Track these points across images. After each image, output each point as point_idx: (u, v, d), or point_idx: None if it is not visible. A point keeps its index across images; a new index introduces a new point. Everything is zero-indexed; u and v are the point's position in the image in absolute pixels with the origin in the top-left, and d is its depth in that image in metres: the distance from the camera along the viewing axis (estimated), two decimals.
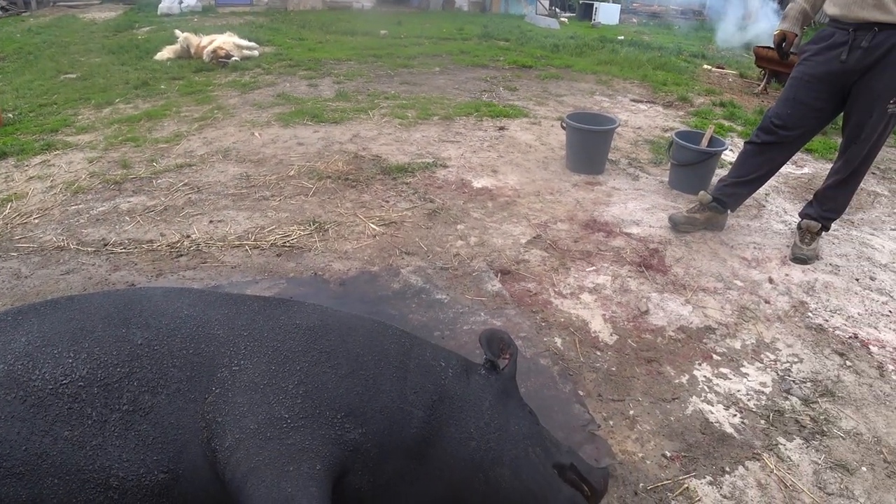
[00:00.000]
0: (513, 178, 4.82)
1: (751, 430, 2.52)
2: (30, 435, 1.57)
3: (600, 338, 2.98)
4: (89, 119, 6.55)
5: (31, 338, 1.73)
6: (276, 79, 8.11)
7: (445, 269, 3.44)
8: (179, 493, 1.59)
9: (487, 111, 6.59)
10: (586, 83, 8.48)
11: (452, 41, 11.82)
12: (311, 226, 3.88)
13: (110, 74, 8.86)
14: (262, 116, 6.27)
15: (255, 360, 1.67)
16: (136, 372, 1.66)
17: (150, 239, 3.77)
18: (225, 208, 4.15)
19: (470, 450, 1.71)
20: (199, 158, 5.10)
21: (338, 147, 5.35)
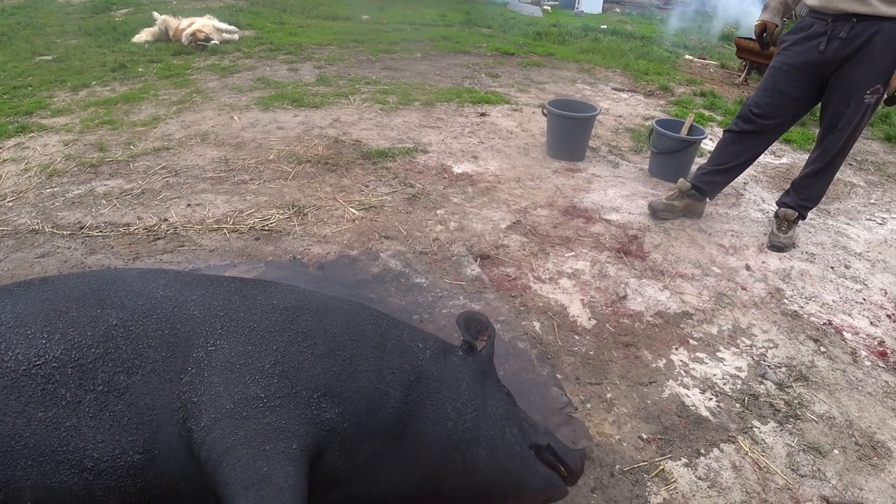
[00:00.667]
0: (493, 163, 4.82)
1: (726, 414, 2.55)
2: (2, 416, 1.55)
3: (578, 322, 3.00)
4: (65, 102, 6.45)
5: (3, 318, 1.71)
6: (257, 63, 8.03)
7: (425, 253, 3.44)
8: (155, 474, 1.57)
9: (469, 97, 6.57)
10: (568, 71, 8.47)
11: (435, 27, 11.76)
12: (291, 210, 3.85)
13: (87, 57, 8.72)
14: (242, 100, 6.21)
15: (232, 341, 1.66)
16: (110, 353, 1.64)
17: (127, 222, 3.73)
18: (203, 192, 4.11)
19: (447, 430, 1.71)
20: (178, 142, 5.04)
21: (318, 132, 5.31)
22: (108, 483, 1.54)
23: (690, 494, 2.17)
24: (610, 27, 12.98)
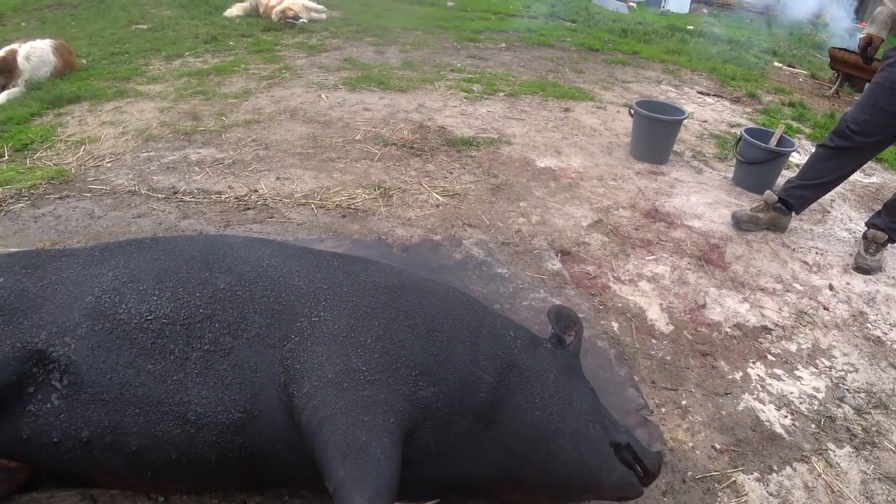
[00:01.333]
0: (576, 160, 4.82)
1: (801, 433, 2.53)
2: (115, 365, 1.66)
3: (656, 326, 3.00)
4: (160, 70, 6.69)
5: (117, 273, 1.82)
6: (343, 43, 8.16)
7: (507, 244, 3.48)
8: (254, 433, 1.66)
9: (553, 91, 6.56)
10: (653, 71, 8.36)
11: (519, 18, 11.72)
12: (376, 190, 3.94)
13: (180, 27, 8.99)
14: (329, 79, 6.34)
15: (335, 313, 1.73)
16: (217, 314, 1.74)
17: (219, 190, 3.87)
18: (292, 166, 4.23)
19: (534, 419, 1.75)
20: (267, 116, 5.19)
21: (403, 115, 5.40)
22: (209, 437, 1.64)
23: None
24: (697, 28, 12.71)
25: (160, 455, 1.66)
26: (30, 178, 3.96)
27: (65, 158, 4.31)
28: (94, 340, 1.69)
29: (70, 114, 5.28)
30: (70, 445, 1.66)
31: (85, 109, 5.37)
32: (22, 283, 1.79)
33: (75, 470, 1.74)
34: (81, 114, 5.26)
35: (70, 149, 4.49)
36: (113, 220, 3.49)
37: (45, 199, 3.71)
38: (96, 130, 4.85)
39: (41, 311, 1.73)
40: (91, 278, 1.82)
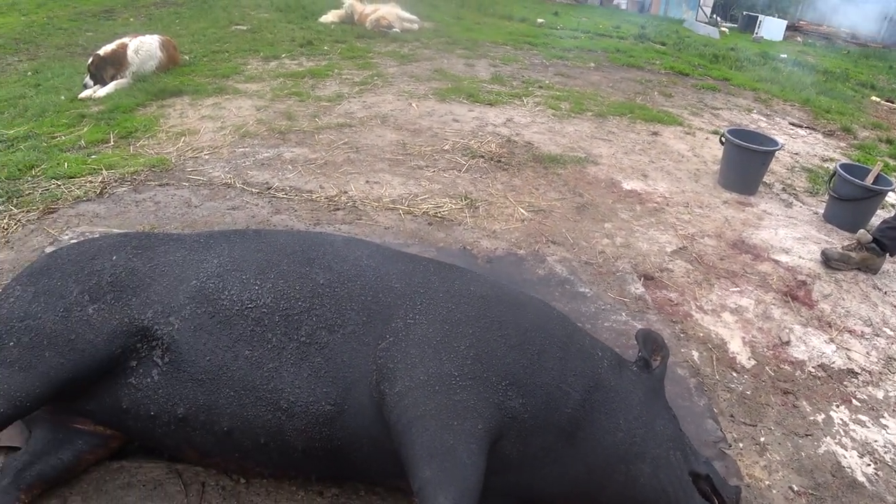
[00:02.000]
0: (663, 185, 4.78)
1: (884, 483, 2.45)
2: (214, 348, 1.76)
3: (738, 359, 2.96)
4: (257, 70, 6.94)
5: (221, 261, 1.93)
6: (434, 54, 8.30)
7: (590, 263, 3.49)
8: (342, 427, 1.73)
9: (641, 114, 6.52)
10: (744, 99, 8.20)
11: (608, 38, 11.68)
12: (463, 201, 4.01)
13: (277, 30, 9.30)
14: (420, 89, 6.46)
15: (430, 317, 1.79)
16: (315, 308, 1.82)
17: (310, 189, 4.00)
18: (381, 171, 4.34)
19: (616, 440, 1.77)
20: (359, 121, 5.33)
21: (491, 129, 5.46)
22: (298, 426, 1.71)
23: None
24: (790, 57, 12.39)
25: (249, 438, 1.74)
26: (133, 164, 4.18)
27: (165, 148, 4.54)
28: (197, 322, 1.79)
29: (172, 106, 5.54)
30: (165, 420, 1.77)
31: (186, 103, 5.63)
32: (133, 263, 1.91)
33: (167, 443, 1.84)
34: (182, 107, 5.52)
35: (170, 139, 4.72)
36: (208, 210, 3.66)
37: (146, 185, 3.92)
38: (196, 123, 5.08)
39: (149, 291, 1.84)
40: (196, 263, 1.93)
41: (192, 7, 11.63)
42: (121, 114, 5.32)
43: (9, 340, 1.72)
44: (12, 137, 4.77)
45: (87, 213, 3.54)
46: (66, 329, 1.74)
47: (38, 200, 3.63)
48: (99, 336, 1.75)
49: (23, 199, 3.66)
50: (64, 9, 11.80)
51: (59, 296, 1.81)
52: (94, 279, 1.85)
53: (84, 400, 1.82)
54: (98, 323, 1.77)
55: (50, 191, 3.76)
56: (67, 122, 5.19)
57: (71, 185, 3.86)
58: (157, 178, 4.03)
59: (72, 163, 4.16)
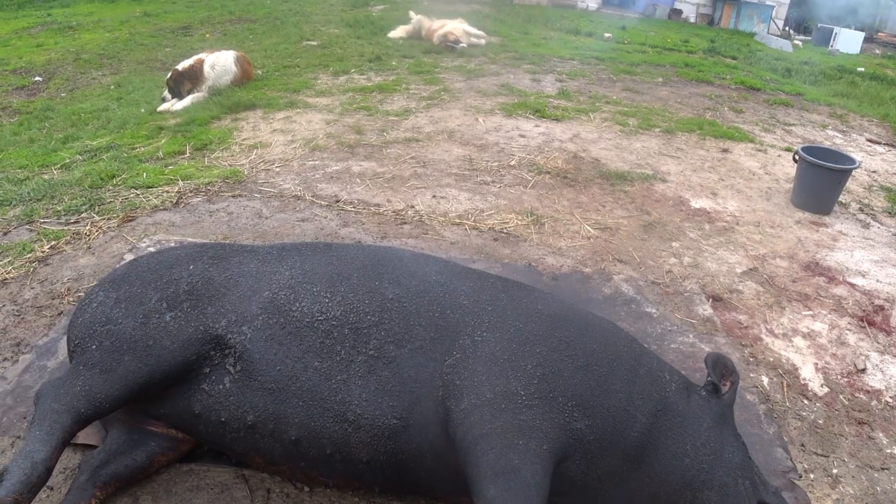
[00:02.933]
0: (732, 203, 4.69)
1: None
2: (284, 358, 1.82)
3: (809, 386, 2.88)
4: (327, 84, 7.12)
5: (293, 273, 1.99)
6: (501, 69, 8.34)
7: (657, 283, 3.45)
8: (406, 441, 1.76)
9: (710, 130, 6.41)
10: (818, 115, 7.97)
11: (677, 52, 11.52)
12: (529, 217, 4.02)
13: (347, 46, 9.51)
14: (486, 104, 6.51)
15: (498, 335, 1.81)
16: (384, 323, 1.86)
17: (378, 203, 4.08)
18: (447, 186, 4.39)
19: (683, 466, 1.75)
20: (426, 135, 5.40)
21: (558, 145, 5.46)
22: (364, 438, 1.75)
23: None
24: (868, 70, 11.97)
25: (316, 448, 1.79)
26: (207, 175, 4.35)
27: (238, 160, 4.70)
28: (268, 333, 1.86)
29: (245, 119, 5.73)
30: (235, 426, 1.83)
31: (259, 116, 5.82)
32: (209, 273, 2.00)
33: (235, 449, 1.91)
34: (255, 120, 5.70)
35: (243, 151, 4.88)
36: (279, 222, 3.76)
37: (220, 196, 4.06)
38: (268, 137, 5.24)
39: (224, 300, 1.92)
40: (269, 275, 2.00)
41: (266, 23, 12.00)
42: (196, 126, 5.53)
43: (91, 344, 1.82)
44: (96, 148, 5.04)
45: (164, 221, 3.71)
46: (145, 335, 1.83)
47: (119, 209, 3.83)
48: (175, 343, 1.83)
49: (104, 206, 3.86)
50: (145, 26, 12.34)
51: (139, 302, 1.90)
52: (171, 287, 1.94)
53: (159, 403, 1.91)
54: (175, 330, 1.85)
55: (129, 199, 3.96)
56: (147, 133, 5.43)
57: (149, 194, 4.05)
58: (230, 189, 4.18)
59: (150, 173, 4.36)
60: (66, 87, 8.15)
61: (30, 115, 6.66)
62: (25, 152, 5.09)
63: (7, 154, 5.11)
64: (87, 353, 1.82)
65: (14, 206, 3.85)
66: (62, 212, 3.79)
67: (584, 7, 18.31)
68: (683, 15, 18.29)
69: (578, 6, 18.29)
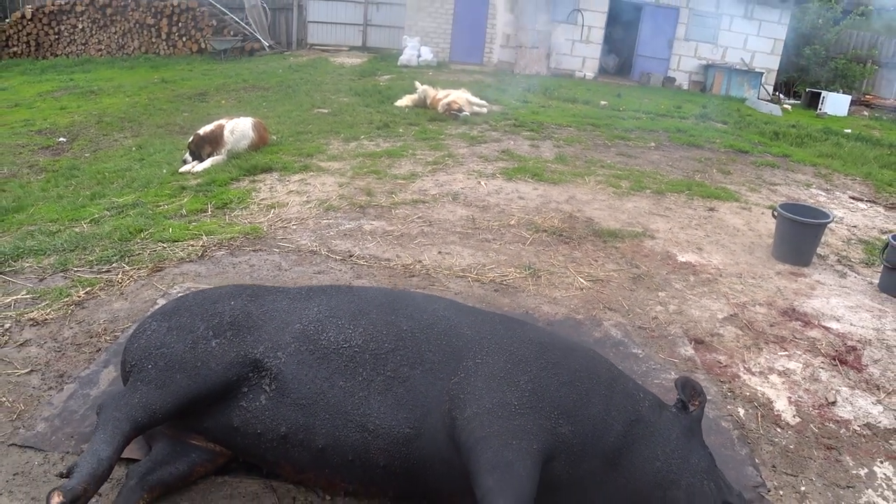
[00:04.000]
0: (717, 257, 5.05)
1: None
2: (314, 378, 2.17)
3: (782, 416, 3.17)
4: (338, 150, 7.58)
5: (320, 309, 2.37)
6: (502, 136, 8.84)
7: (643, 328, 3.78)
8: (418, 447, 2.10)
9: (698, 191, 6.82)
10: (803, 175, 8.41)
11: (670, 118, 12.05)
12: (526, 270, 4.38)
13: (356, 113, 10.03)
14: (488, 168, 6.95)
15: (495, 358, 2.16)
16: (399, 349, 2.22)
17: (388, 258, 4.45)
18: (452, 243, 4.77)
19: (654, 468, 2.06)
20: (432, 197, 5.81)
21: (554, 205, 5.87)
22: (382, 445, 2.09)
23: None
24: (854, 132, 12.47)
25: (340, 454, 2.12)
26: (229, 231, 4.73)
27: (257, 218, 5.09)
28: (300, 357, 2.21)
29: (262, 181, 6.16)
30: (269, 437, 2.17)
31: (275, 179, 6.24)
32: (248, 308, 2.37)
33: (268, 459, 2.24)
34: (272, 182, 6.12)
35: (262, 210, 5.28)
36: (297, 274, 4.12)
37: (242, 250, 4.43)
38: (284, 197, 5.65)
39: (261, 331, 2.29)
40: (299, 310, 2.37)
41: (278, 91, 12.60)
42: (217, 187, 5.94)
43: (147, 364, 2.18)
44: (122, 204, 5.42)
45: (191, 272, 4.04)
46: (194, 357, 2.19)
47: (147, 260, 4.16)
48: (220, 365, 2.18)
49: (133, 258, 4.19)
50: (163, 91, 12.96)
51: (189, 330, 2.26)
52: (216, 319, 2.30)
53: (202, 419, 2.24)
54: (219, 354, 2.20)
55: (157, 252, 4.30)
56: (170, 192, 5.83)
57: (175, 247, 4.40)
58: (250, 244, 4.55)
59: (175, 228, 4.73)
60: (89, 148, 8.65)
61: (56, 173, 7.11)
62: (55, 207, 5.50)
63: (38, 209, 5.51)
64: (144, 371, 2.16)
65: (48, 256, 4.17)
66: (94, 261, 4.10)
67: (582, 76, 19.06)
68: (677, 82, 19.00)
69: (576, 75, 19.03)
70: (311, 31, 22.70)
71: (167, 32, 21.50)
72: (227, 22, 21.92)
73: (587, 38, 19.28)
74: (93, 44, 22.07)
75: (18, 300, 3.55)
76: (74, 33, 22.13)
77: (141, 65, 19.19)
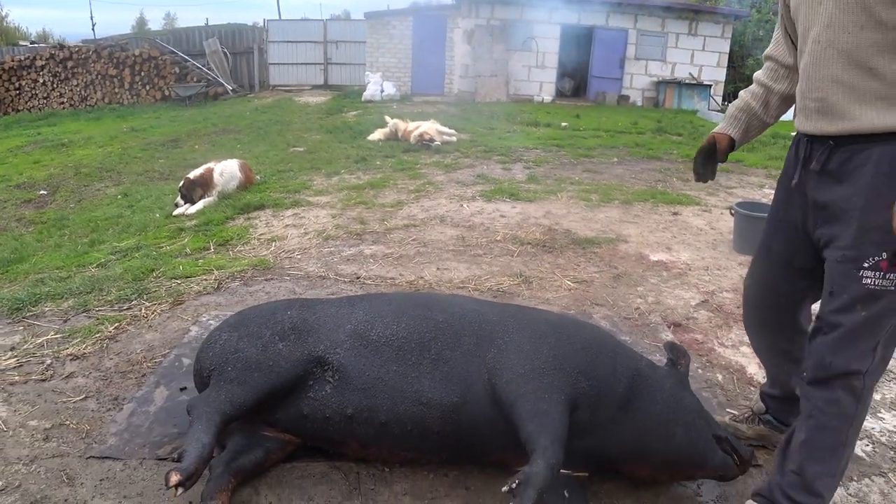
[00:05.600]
0: (685, 254, 5.60)
1: (880, 457, 3.09)
2: (371, 366, 2.61)
3: (755, 378, 3.67)
4: (322, 185, 8.00)
5: (365, 312, 2.81)
6: (474, 162, 9.38)
7: (628, 318, 4.28)
8: (466, 413, 2.55)
9: (662, 198, 7.41)
10: (756, 177, 9.07)
11: (628, 134, 12.73)
12: (518, 278, 4.86)
13: (332, 150, 10.45)
14: (467, 192, 7.46)
15: (520, 335, 2.64)
16: (439, 337, 2.67)
17: (392, 276, 4.88)
18: (447, 260, 5.24)
19: (657, 410, 2.54)
20: (421, 221, 6.28)
21: (533, 221, 6.39)
22: (436, 414, 2.53)
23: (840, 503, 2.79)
24: None
25: (400, 426, 2.53)
26: (237, 265, 5.06)
27: (260, 252, 5.46)
28: (356, 352, 2.64)
29: (257, 218, 6.53)
30: (336, 419, 2.56)
31: (269, 215, 6.62)
32: (304, 315, 2.79)
33: (335, 439, 2.62)
34: (267, 218, 6.51)
35: (263, 244, 5.65)
36: (312, 296, 4.47)
37: (254, 280, 4.77)
38: (282, 231, 6.04)
39: (319, 333, 2.70)
40: (346, 315, 2.80)
41: (250, 133, 12.92)
42: (214, 226, 6.22)
43: (227, 366, 2.57)
44: (125, 248, 5.63)
45: (210, 303, 4.29)
46: (266, 358, 2.58)
47: (165, 295, 4.37)
48: (288, 363, 2.58)
49: (151, 294, 4.39)
50: (135, 140, 13.18)
51: (257, 337, 2.67)
52: (279, 326, 2.71)
53: (274, 411, 2.62)
54: (287, 354, 2.61)
55: (173, 287, 4.52)
56: (168, 234, 6.11)
57: (190, 282, 4.64)
58: (261, 274, 4.89)
59: (185, 265, 5.00)
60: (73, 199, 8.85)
61: (46, 224, 7.32)
62: (57, 255, 5.69)
63: (39, 258, 5.70)
64: (225, 372, 2.55)
65: (66, 299, 4.28)
66: (113, 301, 4.24)
67: (541, 100, 19.79)
68: (631, 100, 19.85)
69: (535, 100, 19.76)
70: (273, 72, 23.15)
71: (130, 82, 21.68)
72: (189, 68, 22.20)
73: (542, 64, 20.08)
74: (55, 97, 22.15)
75: (50, 340, 3.69)
76: (36, 87, 22.18)
77: (106, 115, 19.31)
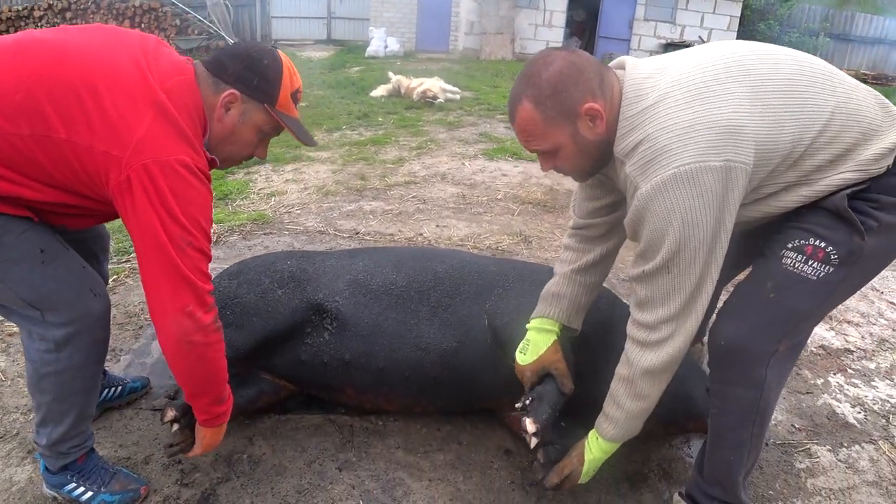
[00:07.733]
0: None
1: (871, 424, 3.13)
2: (370, 313, 2.63)
3: None
4: (324, 140, 7.94)
5: (365, 263, 2.82)
6: (477, 120, 9.30)
7: (626, 281, 4.28)
8: (463, 356, 2.58)
9: None
10: None
11: None
12: (518, 237, 4.86)
13: (334, 105, 10.36)
14: (469, 150, 7.41)
15: (518, 285, 2.70)
16: (439, 285, 2.69)
17: (391, 233, 4.88)
18: (447, 217, 5.23)
19: None
20: (421, 179, 6.25)
21: (535, 180, 6.36)
22: (434, 358, 2.56)
23: (830, 468, 2.81)
24: None
25: (397, 372, 2.56)
26: (236, 219, 5.07)
27: (260, 206, 5.45)
28: (355, 300, 2.65)
29: (257, 173, 6.49)
30: (335, 365, 2.58)
31: (269, 170, 6.58)
32: (303, 265, 2.80)
33: (332, 384, 2.64)
34: (267, 173, 6.47)
35: (262, 199, 5.64)
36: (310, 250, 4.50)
37: (253, 234, 4.79)
38: (282, 186, 6.01)
39: (317, 282, 2.71)
40: (346, 265, 2.81)
41: None
42: (214, 180, 6.15)
43: (226, 311, 2.57)
44: None
45: None
46: (265, 304, 2.60)
47: None
48: (287, 309, 2.60)
49: None
50: None
51: (256, 284, 2.68)
52: (278, 275, 2.72)
53: (272, 357, 2.63)
54: (285, 300, 2.62)
55: None
56: None
57: None
58: (260, 228, 4.90)
59: None
60: None
61: None
62: None
63: None
64: (224, 317, 2.54)
65: None
66: (112, 253, 4.21)
67: None
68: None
69: None
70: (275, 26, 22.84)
71: None
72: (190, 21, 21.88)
73: (549, 23, 19.80)
74: None
75: None
76: None
77: None
